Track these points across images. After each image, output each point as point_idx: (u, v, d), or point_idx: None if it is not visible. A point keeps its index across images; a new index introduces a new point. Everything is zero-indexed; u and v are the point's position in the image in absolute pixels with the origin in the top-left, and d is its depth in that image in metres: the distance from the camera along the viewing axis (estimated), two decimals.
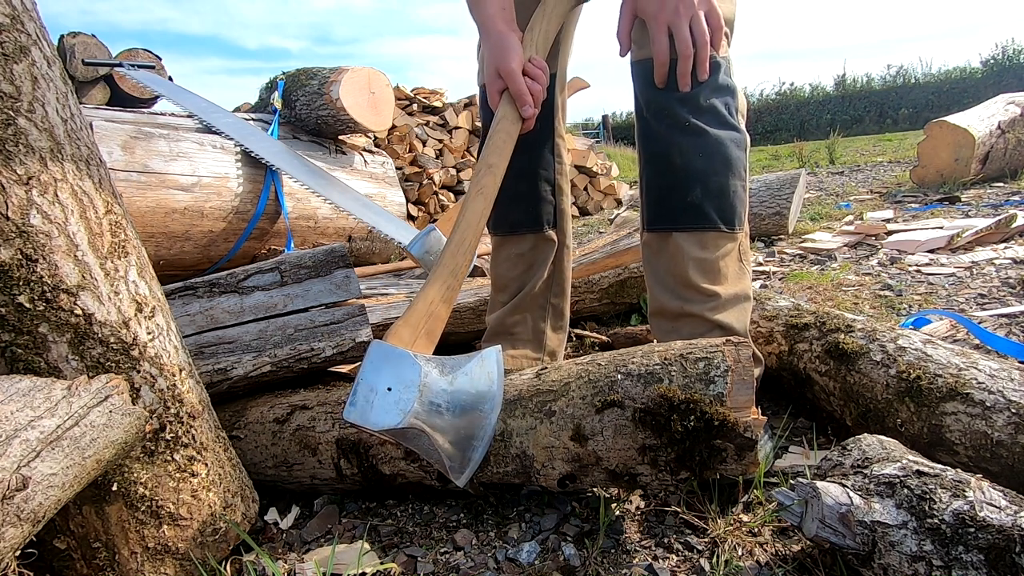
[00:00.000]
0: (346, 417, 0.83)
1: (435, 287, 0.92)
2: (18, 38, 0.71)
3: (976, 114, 4.16)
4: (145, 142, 2.16)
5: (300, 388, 1.24)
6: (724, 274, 1.07)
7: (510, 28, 1.08)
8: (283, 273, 1.23)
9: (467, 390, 0.88)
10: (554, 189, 1.33)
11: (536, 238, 1.33)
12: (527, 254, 1.34)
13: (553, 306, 1.37)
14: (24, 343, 0.70)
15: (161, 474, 0.80)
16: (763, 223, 2.96)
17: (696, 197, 1.05)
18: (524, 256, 1.34)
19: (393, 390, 0.84)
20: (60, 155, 0.73)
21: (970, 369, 0.92)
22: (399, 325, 0.90)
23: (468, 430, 0.87)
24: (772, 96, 16.79)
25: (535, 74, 1.06)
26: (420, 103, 4.15)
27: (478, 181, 1.01)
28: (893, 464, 0.74)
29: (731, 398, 0.79)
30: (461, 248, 0.96)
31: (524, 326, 1.35)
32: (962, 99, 11.87)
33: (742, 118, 1.11)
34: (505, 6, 1.11)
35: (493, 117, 1.08)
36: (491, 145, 1.04)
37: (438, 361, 0.89)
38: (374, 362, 0.86)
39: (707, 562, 0.82)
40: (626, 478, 0.85)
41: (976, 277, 2.02)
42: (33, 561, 0.79)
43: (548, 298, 1.36)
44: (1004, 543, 0.62)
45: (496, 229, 1.36)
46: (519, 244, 1.34)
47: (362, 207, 2.39)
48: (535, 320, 1.36)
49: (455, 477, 0.87)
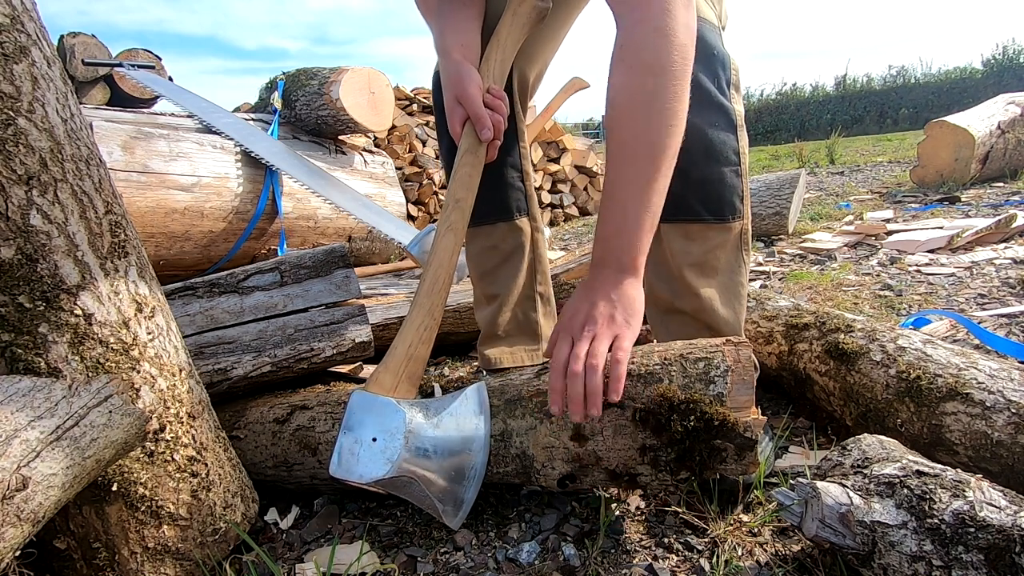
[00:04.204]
0: (332, 473, 0.82)
1: (413, 329, 0.91)
2: (18, 38, 0.71)
3: (976, 114, 4.16)
4: (145, 142, 2.16)
5: (300, 388, 1.25)
6: (715, 267, 1.05)
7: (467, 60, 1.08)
8: (283, 273, 1.23)
9: (453, 431, 0.87)
10: (521, 175, 1.31)
11: (507, 227, 1.30)
12: (500, 245, 1.31)
13: (540, 294, 1.37)
14: (24, 343, 0.70)
15: (161, 474, 0.80)
16: (763, 223, 2.96)
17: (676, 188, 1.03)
18: (497, 248, 1.32)
19: (378, 440, 0.82)
20: (60, 155, 0.73)
21: (970, 369, 0.92)
22: (379, 372, 0.89)
23: (458, 471, 0.87)
24: (772, 96, 16.79)
25: (494, 104, 1.04)
26: (420, 103, 4.14)
27: (447, 218, 0.99)
28: (893, 464, 0.74)
29: (731, 398, 0.79)
30: (435, 287, 0.94)
31: (515, 322, 1.35)
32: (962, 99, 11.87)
33: (736, 91, 1.05)
34: (465, 43, 1.10)
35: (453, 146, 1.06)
36: (457, 179, 1.01)
37: (422, 405, 0.88)
38: (356, 413, 0.85)
39: (707, 562, 0.82)
40: (626, 478, 0.85)
41: (976, 277, 2.02)
42: (33, 561, 0.79)
43: (534, 288, 1.36)
44: (1004, 543, 0.62)
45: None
46: (490, 235, 1.32)
47: (362, 207, 2.39)
48: (525, 313, 1.35)
49: (449, 521, 0.87)
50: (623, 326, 0.83)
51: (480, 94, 1.04)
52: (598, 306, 0.84)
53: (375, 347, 1.29)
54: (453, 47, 1.08)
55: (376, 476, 0.81)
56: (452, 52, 1.08)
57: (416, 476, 0.82)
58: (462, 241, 0.99)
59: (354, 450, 0.83)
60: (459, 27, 1.12)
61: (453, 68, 1.06)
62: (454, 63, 1.06)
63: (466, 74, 1.04)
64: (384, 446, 0.82)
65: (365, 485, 0.83)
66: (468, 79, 1.03)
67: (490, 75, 1.09)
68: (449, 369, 1.65)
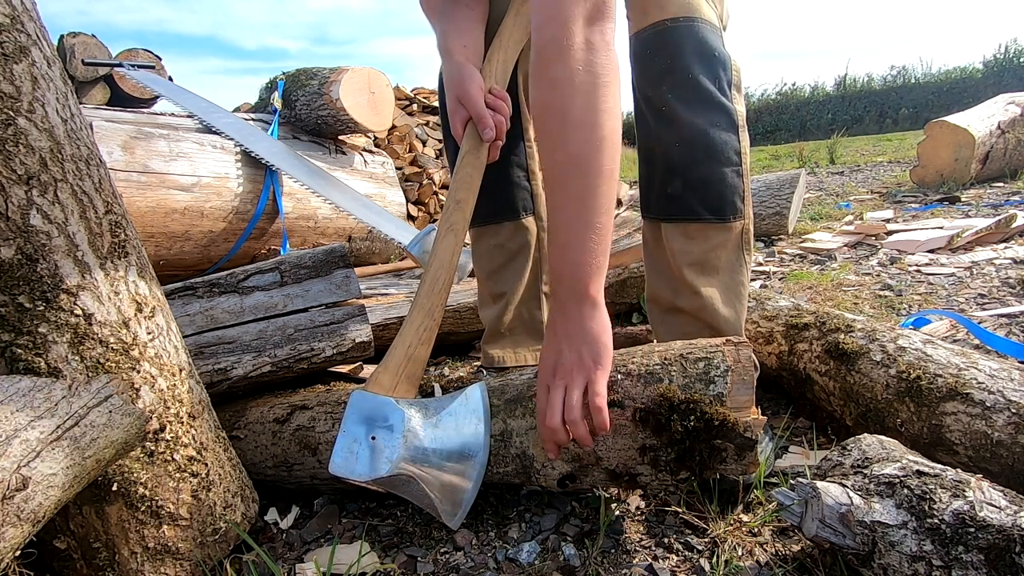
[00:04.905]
0: (332, 471, 0.82)
1: (412, 330, 0.91)
2: (18, 38, 0.71)
3: (976, 114, 4.16)
4: (145, 142, 2.16)
5: (300, 388, 1.25)
6: (716, 266, 1.05)
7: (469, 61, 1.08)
8: (283, 273, 1.23)
9: (453, 431, 0.87)
10: (528, 174, 1.31)
11: (514, 226, 1.31)
12: (506, 244, 1.32)
13: (545, 294, 1.37)
14: (24, 343, 0.70)
15: (161, 474, 0.80)
16: (763, 223, 2.97)
17: (676, 189, 1.03)
18: (503, 247, 1.32)
19: (377, 439, 0.83)
20: (60, 155, 0.73)
21: (970, 369, 0.92)
22: (379, 372, 0.89)
23: (457, 471, 0.87)
24: (773, 96, 16.77)
25: (496, 105, 1.04)
26: (420, 103, 4.14)
27: (448, 218, 0.99)
28: (893, 464, 0.74)
29: (731, 398, 0.79)
30: (435, 287, 0.94)
31: (520, 320, 1.35)
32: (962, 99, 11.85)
33: (737, 91, 1.05)
34: (467, 44, 1.10)
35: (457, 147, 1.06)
36: (458, 180, 1.01)
37: (421, 404, 0.88)
38: (356, 412, 0.85)
39: (707, 562, 0.82)
40: (626, 478, 0.85)
41: (976, 277, 2.02)
42: (33, 561, 0.79)
43: (539, 287, 1.36)
44: (1004, 543, 0.62)
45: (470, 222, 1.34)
46: (496, 234, 1.32)
47: (362, 207, 2.39)
48: (530, 312, 1.35)
49: (448, 520, 0.87)
50: (592, 368, 0.80)
51: (481, 94, 1.03)
52: (563, 353, 0.81)
53: (375, 347, 1.29)
54: (455, 48, 1.08)
55: (375, 475, 0.81)
56: (454, 53, 1.08)
57: (415, 475, 0.83)
58: (463, 242, 0.99)
59: (353, 449, 0.83)
60: (462, 28, 1.12)
61: (455, 69, 1.06)
62: (456, 64, 1.06)
63: (467, 75, 1.04)
64: (383, 445, 0.83)
65: (364, 483, 0.83)
66: (469, 80, 1.03)
67: (492, 75, 1.09)
68: (449, 369, 1.65)
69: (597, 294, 0.83)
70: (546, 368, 0.83)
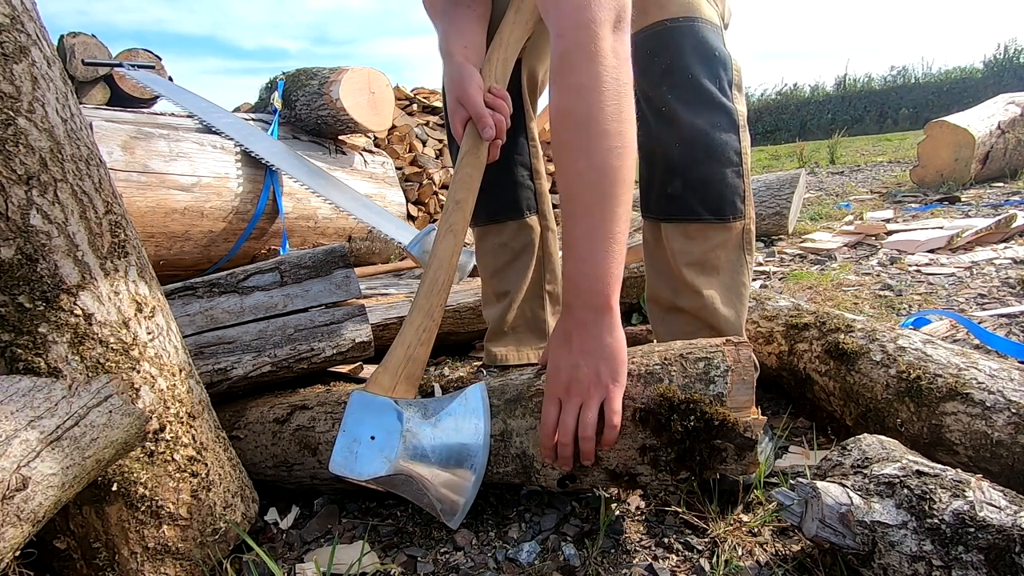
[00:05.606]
0: (332, 470, 0.83)
1: (412, 330, 0.91)
2: (18, 38, 0.71)
3: (976, 114, 4.16)
4: (145, 142, 2.16)
5: (300, 388, 1.24)
6: (716, 266, 1.05)
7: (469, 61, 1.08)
8: (283, 273, 1.23)
9: (452, 431, 0.87)
10: (531, 173, 1.31)
11: (517, 225, 1.31)
12: (510, 243, 1.32)
13: (548, 293, 1.37)
14: (24, 343, 0.70)
15: (161, 474, 0.80)
16: (763, 223, 2.97)
17: (676, 189, 1.03)
18: (507, 245, 1.32)
19: (376, 438, 0.83)
20: (60, 155, 0.73)
21: (970, 369, 0.92)
22: (378, 372, 0.89)
23: (457, 471, 0.87)
24: (773, 96, 16.77)
25: (496, 104, 1.04)
26: (420, 103, 4.14)
27: (447, 218, 0.99)
28: (893, 464, 0.74)
29: (731, 398, 0.79)
30: (435, 288, 0.94)
31: (523, 319, 1.35)
32: (962, 99, 11.86)
33: (738, 91, 1.05)
34: (468, 44, 1.10)
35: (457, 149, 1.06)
36: (458, 180, 1.01)
37: (420, 405, 0.88)
38: (355, 412, 0.85)
39: (707, 562, 0.82)
40: (626, 478, 0.85)
41: (976, 277, 2.02)
42: (33, 561, 0.79)
43: (542, 286, 1.36)
44: (1004, 543, 0.62)
45: (474, 221, 1.32)
46: (500, 233, 1.32)
47: (362, 207, 2.39)
48: (533, 311, 1.36)
49: (447, 520, 0.87)
50: (609, 385, 0.79)
51: (480, 94, 1.03)
52: (580, 367, 0.79)
53: (375, 347, 1.29)
54: (456, 49, 1.09)
55: (374, 474, 0.82)
56: (454, 54, 1.08)
57: (414, 475, 0.83)
58: (462, 242, 0.99)
59: (353, 448, 0.83)
60: (463, 28, 1.12)
61: (455, 70, 1.06)
62: (456, 65, 1.06)
63: (467, 75, 1.04)
64: (382, 445, 0.83)
65: (364, 482, 0.83)
66: (468, 80, 1.04)
67: (492, 75, 1.09)
68: (449, 369, 1.65)
69: (616, 305, 0.81)
70: (558, 382, 0.81)
